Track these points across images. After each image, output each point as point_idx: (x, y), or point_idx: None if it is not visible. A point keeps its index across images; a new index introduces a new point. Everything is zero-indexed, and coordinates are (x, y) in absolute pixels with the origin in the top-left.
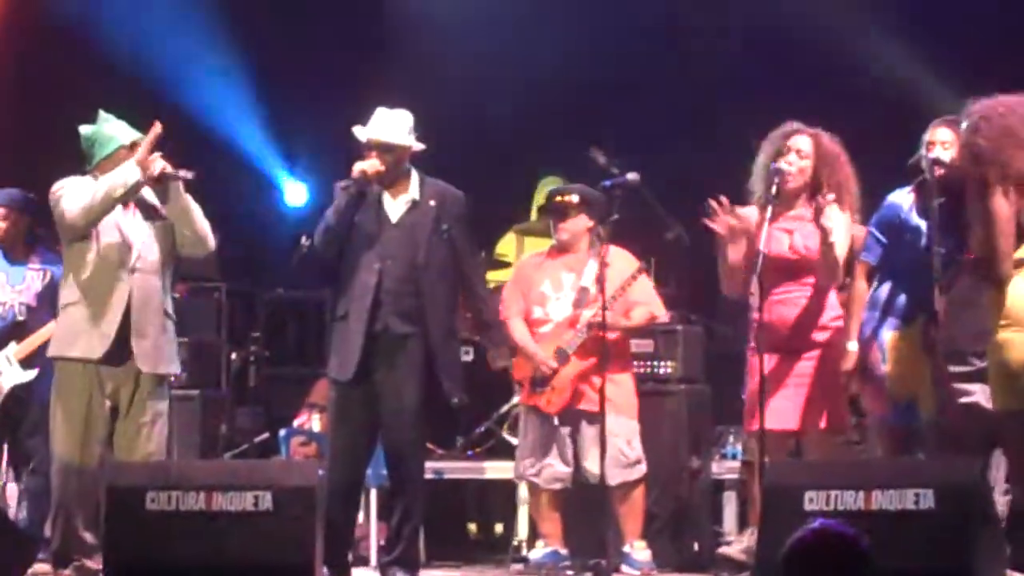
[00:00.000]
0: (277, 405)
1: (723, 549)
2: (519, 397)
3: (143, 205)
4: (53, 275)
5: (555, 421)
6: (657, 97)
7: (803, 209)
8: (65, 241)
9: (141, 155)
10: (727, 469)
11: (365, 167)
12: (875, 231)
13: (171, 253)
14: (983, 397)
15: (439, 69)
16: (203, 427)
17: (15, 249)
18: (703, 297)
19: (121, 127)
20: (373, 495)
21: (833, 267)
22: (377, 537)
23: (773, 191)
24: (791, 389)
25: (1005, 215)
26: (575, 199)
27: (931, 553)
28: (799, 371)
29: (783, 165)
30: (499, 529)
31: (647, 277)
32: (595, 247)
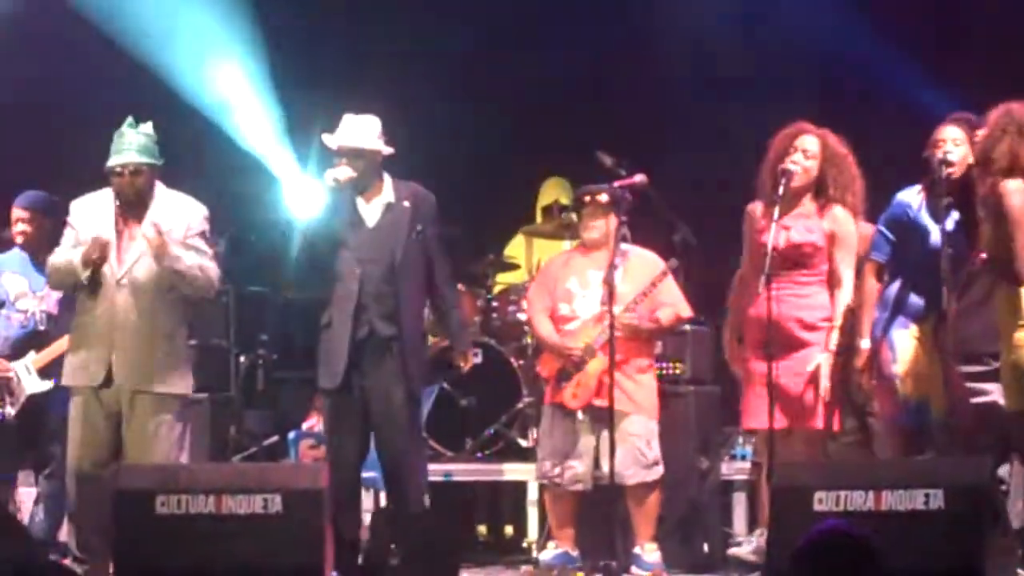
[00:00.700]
0: (286, 408)
1: (733, 550)
2: (545, 395)
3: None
4: None
5: (579, 417)
6: (663, 97)
7: (806, 207)
8: None
9: (84, 256)
10: (736, 470)
11: (336, 175)
12: (884, 229)
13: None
14: (999, 396)
15: (440, 68)
16: (212, 430)
17: (39, 253)
18: (712, 298)
19: (119, 144)
20: (383, 498)
21: None
22: None
23: (780, 191)
24: (780, 387)
25: (1021, 212)
26: (604, 198)
27: (941, 553)
28: (787, 369)
29: (790, 165)
30: (509, 531)
31: (672, 279)
32: (620, 248)
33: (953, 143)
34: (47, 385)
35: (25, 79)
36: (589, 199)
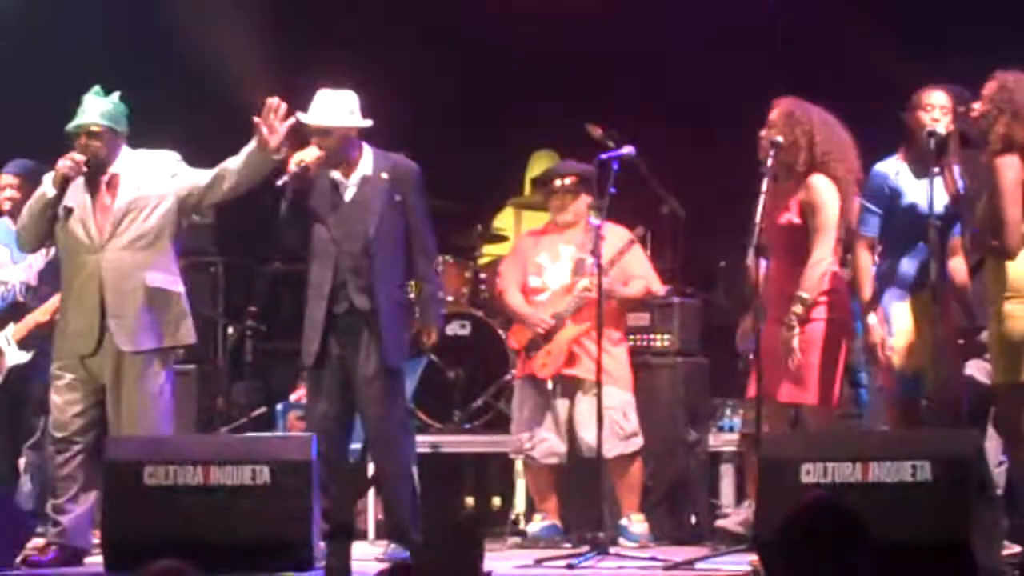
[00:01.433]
0: (274, 379)
1: (721, 521)
2: (517, 369)
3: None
4: (57, 250)
5: (549, 386)
6: (651, 69)
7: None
8: None
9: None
10: (724, 442)
11: (305, 158)
12: (867, 203)
13: (161, 224)
14: (977, 371)
15: (429, 42)
16: (200, 401)
17: None
18: (699, 270)
19: (79, 109)
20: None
21: None
22: (375, 511)
23: (768, 162)
24: (784, 360)
25: (1012, 182)
26: (569, 182)
27: (928, 525)
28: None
29: (779, 137)
30: (496, 503)
31: (641, 248)
32: (592, 223)
33: (941, 111)
34: (26, 357)
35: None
36: (559, 184)
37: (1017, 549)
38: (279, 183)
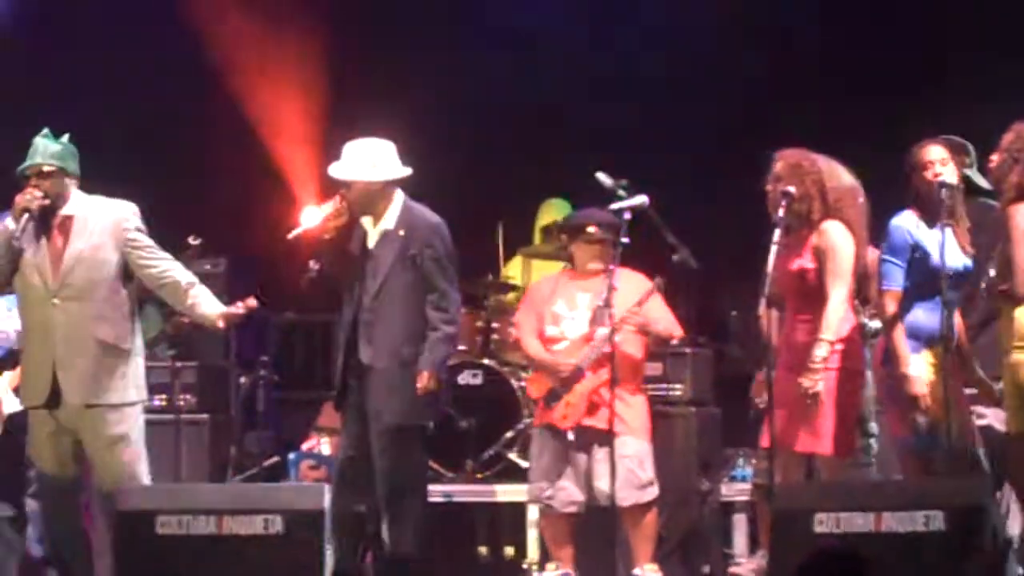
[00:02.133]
0: (286, 429)
1: (734, 569)
2: (532, 418)
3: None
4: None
5: (569, 437)
6: (665, 120)
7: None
8: None
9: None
10: (737, 491)
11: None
12: (889, 258)
13: (112, 275)
14: (995, 420)
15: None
16: (212, 451)
17: None
18: (712, 319)
19: (30, 152)
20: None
21: None
22: None
23: (780, 212)
24: (799, 410)
25: (1022, 233)
26: (598, 231)
27: (941, 575)
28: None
29: (791, 188)
30: (509, 552)
31: (660, 297)
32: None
33: (941, 163)
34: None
35: None
36: (587, 234)
37: None
38: (290, 236)
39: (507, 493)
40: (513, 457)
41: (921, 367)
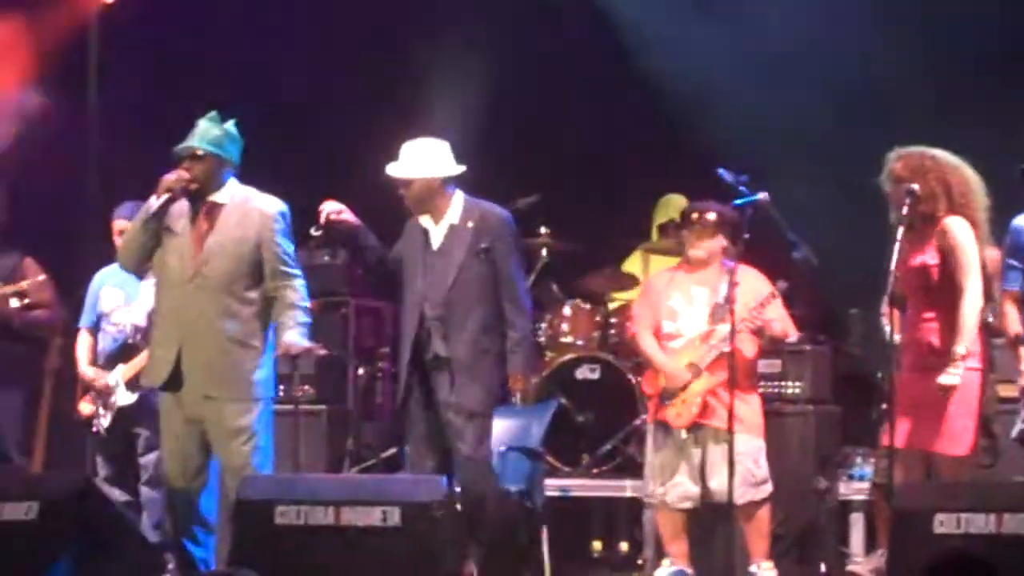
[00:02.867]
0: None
1: (851, 567)
2: (647, 414)
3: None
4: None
5: (683, 435)
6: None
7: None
8: None
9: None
10: (854, 490)
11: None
12: (1010, 260)
13: (248, 270)
14: None
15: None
16: (329, 442)
17: None
18: (831, 318)
19: (193, 131)
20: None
21: None
22: None
23: (904, 211)
24: (924, 409)
25: None
26: (712, 217)
27: None
28: (931, 392)
29: (915, 186)
30: (624, 547)
31: (780, 301)
32: (726, 265)
33: None
34: (133, 398)
35: None
36: (697, 216)
37: None
38: (314, 231)
39: (623, 488)
40: (630, 452)
41: None
